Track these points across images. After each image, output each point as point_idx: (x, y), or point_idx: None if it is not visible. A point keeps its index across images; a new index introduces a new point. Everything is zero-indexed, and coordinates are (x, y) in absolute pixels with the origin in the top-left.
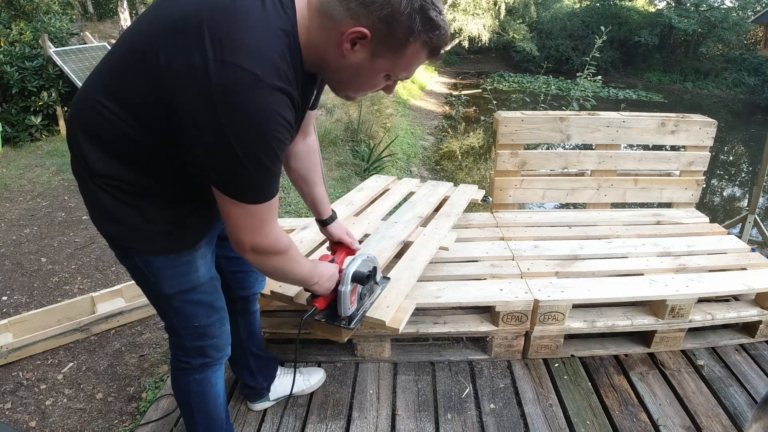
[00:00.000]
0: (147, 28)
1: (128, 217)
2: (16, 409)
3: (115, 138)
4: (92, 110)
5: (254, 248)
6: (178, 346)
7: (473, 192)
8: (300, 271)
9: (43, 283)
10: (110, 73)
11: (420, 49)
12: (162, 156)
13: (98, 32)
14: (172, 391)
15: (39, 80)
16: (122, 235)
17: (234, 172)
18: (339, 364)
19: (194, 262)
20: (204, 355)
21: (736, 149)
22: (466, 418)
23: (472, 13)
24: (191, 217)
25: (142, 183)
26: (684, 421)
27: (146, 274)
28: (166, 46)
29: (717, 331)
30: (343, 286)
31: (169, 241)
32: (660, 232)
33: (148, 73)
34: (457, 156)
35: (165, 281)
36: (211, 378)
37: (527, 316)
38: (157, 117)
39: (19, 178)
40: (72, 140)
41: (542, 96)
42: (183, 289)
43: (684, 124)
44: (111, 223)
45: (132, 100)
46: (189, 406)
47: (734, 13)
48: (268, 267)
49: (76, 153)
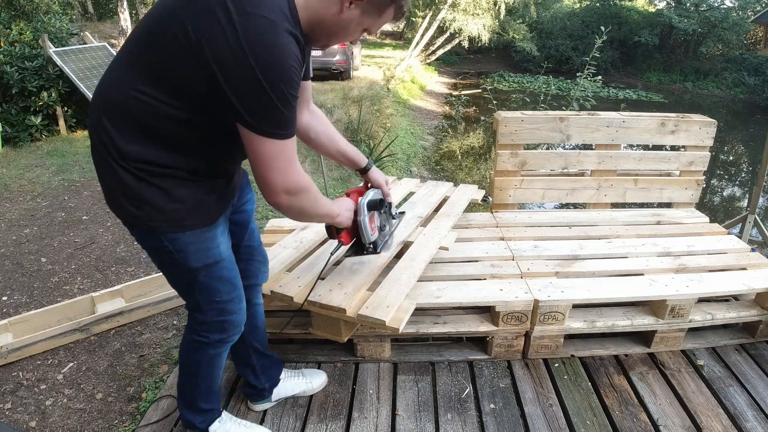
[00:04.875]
0: (166, 11)
1: (156, 199)
2: (16, 409)
3: (152, 121)
4: (126, 96)
5: (287, 189)
6: (199, 322)
7: (473, 192)
8: (324, 205)
9: (43, 283)
10: (142, 58)
11: (393, 10)
12: (198, 127)
13: (98, 32)
14: (181, 355)
15: (39, 80)
16: (149, 216)
17: (264, 106)
18: (339, 364)
19: (216, 237)
20: (223, 330)
21: (736, 149)
22: (466, 418)
23: (472, 13)
24: (212, 195)
25: (174, 162)
26: (684, 421)
27: (172, 251)
28: (191, 18)
29: (717, 331)
30: (361, 216)
31: (194, 218)
32: (660, 232)
33: (183, 48)
34: (457, 156)
35: (191, 255)
36: (223, 354)
37: (527, 316)
38: (198, 89)
39: (19, 178)
40: (97, 126)
41: (542, 96)
42: (208, 263)
43: (684, 124)
44: (137, 207)
45: (174, 80)
46: (195, 374)
47: (734, 13)
48: (299, 207)
49: (103, 139)
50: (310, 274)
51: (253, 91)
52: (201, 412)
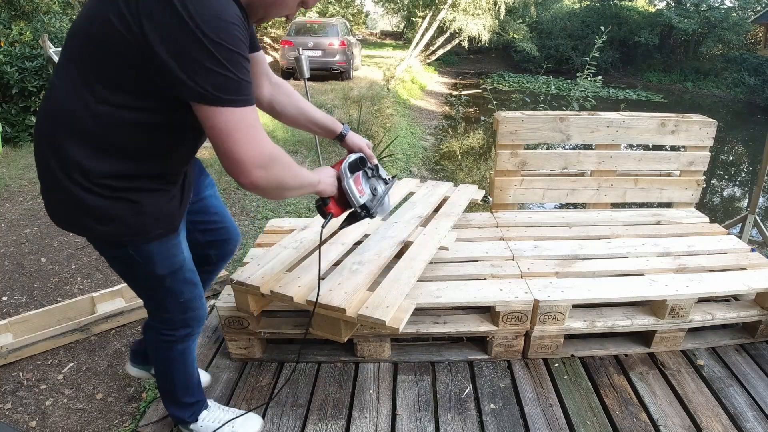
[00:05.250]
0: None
1: (123, 213)
2: (16, 409)
3: (114, 132)
4: (82, 112)
5: (258, 162)
6: (163, 320)
7: (473, 192)
8: (303, 174)
9: (43, 283)
10: (88, 66)
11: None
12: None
13: None
14: (153, 362)
15: (39, 80)
16: (116, 230)
17: (213, 73)
18: (339, 364)
19: (180, 243)
20: (188, 326)
21: (736, 149)
22: (466, 418)
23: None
24: (173, 201)
25: (137, 171)
26: (684, 421)
27: (138, 260)
28: (110, 8)
29: (717, 331)
30: (345, 179)
31: (160, 227)
32: (660, 232)
33: (125, 34)
34: (457, 156)
35: (158, 264)
36: (191, 346)
37: (527, 316)
38: (150, 78)
39: (19, 178)
40: (51, 149)
41: (542, 96)
42: (174, 269)
43: (684, 124)
44: (104, 224)
45: (126, 78)
46: (170, 373)
47: (734, 13)
48: (276, 180)
49: (61, 162)
50: (311, 273)
51: (199, 57)
52: (187, 406)
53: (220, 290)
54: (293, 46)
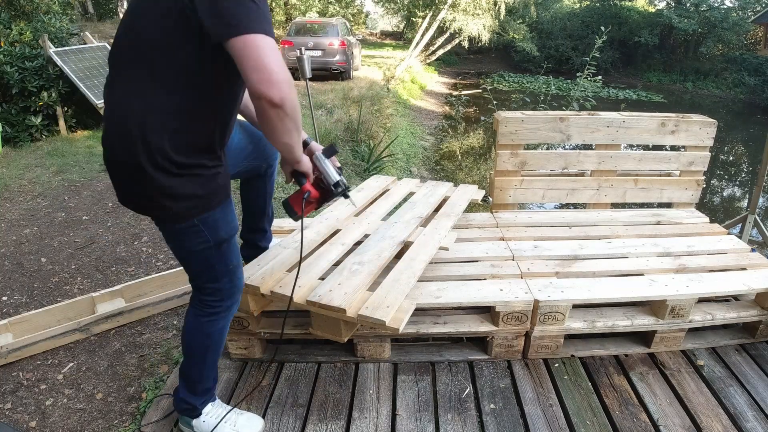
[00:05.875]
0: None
1: (194, 188)
2: (16, 409)
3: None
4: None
5: (285, 78)
6: (212, 292)
7: (473, 192)
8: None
9: (43, 283)
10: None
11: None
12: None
13: (98, 32)
14: (187, 339)
15: (39, 80)
16: (188, 205)
17: (243, 9)
18: (339, 364)
19: (232, 206)
20: (232, 295)
21: (736, 149)
22: (466, 418)
23: (472, 14)
24: (226, 170)
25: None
26: (684, 421)
27: (203, 230)
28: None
29: (717, 331)
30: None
31: (221, 194)
32: (660, 232)
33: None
34: (457, 156)
35: (222, 229)
36: (227, 326)
37: (527, 316)
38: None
39: (19, 178)
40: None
41: (542, 96)
42: (232, 232)
43: (684, 124)
44: (178, 200)
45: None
46: (201, 354)
47: (734, 13)
48: (293, 105)
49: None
50: (311, 274)
51: None
52: (203, 393)
53: None
54: (293, 46)
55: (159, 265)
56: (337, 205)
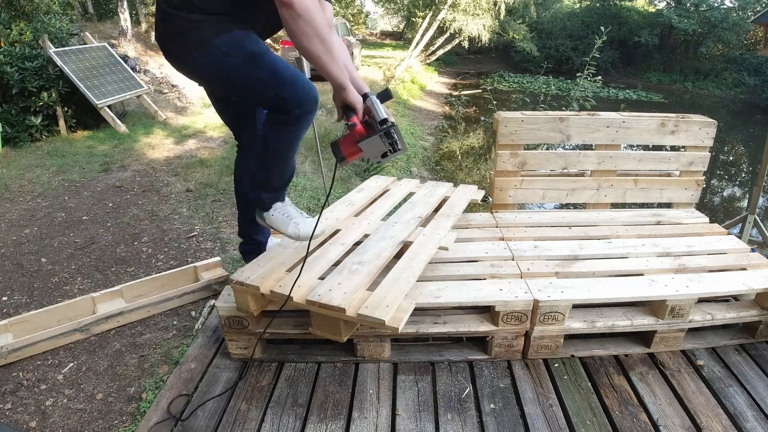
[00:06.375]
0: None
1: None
2: (16, 410)
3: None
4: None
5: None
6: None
7: (473, 192)
8: (335, 44)
9: (43, 283)
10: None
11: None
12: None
13: (98, 32)
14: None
15: (39, 80)
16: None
17: None
18: (339, 364)
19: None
20: (302, 103)
21: (736, 149)
22: (466, 418)
23: (472, 14)
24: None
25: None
26: (684, 421)
27: (230, 53)
28: None
29: (717, 331)
30: (371, 98)
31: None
32: (660, 232)
33: None
34: (457, 156)
35: (249, 45)
36: (302, 136)
37: (527, 316)
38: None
39: (19, 178)
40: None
41: (542, 96)
42: (261, 49)
43: (684, 124)
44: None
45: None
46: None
47: (734, 13)
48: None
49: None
50: (311, 273)
51: None
52: (277, 189)
53: (220, 290)
54: (293, 46)
55: (159, 265)
56: (336, 205)
